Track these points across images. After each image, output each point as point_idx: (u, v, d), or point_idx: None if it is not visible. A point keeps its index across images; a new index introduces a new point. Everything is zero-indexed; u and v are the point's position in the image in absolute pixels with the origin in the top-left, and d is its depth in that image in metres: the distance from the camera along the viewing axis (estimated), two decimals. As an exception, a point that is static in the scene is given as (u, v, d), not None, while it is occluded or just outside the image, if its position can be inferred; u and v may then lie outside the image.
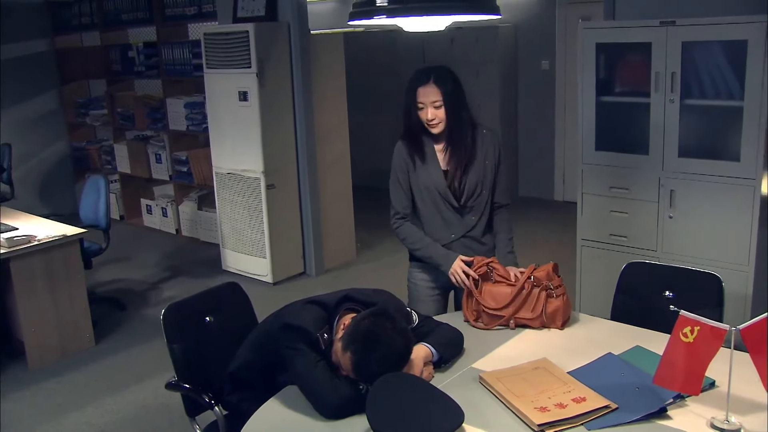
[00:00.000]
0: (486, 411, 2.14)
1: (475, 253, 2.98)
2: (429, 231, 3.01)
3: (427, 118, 2.87)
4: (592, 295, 4.28)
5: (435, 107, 2.86)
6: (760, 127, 3.54)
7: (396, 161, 3.03)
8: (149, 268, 6.37)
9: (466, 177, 2.95)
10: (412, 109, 2.90)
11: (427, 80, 2.86)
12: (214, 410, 2.55)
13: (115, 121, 7.77)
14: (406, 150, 2.99)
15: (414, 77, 2.91)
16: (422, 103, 2.86)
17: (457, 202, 2.97)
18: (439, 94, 2.85)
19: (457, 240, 3.01)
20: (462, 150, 2.94)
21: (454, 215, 2.99)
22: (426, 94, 2.85)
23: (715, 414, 2.05)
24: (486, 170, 2.99)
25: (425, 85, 2.85)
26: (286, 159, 5.77)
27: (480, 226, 3.04)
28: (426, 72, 2.89)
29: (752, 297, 3.70)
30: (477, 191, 2.97)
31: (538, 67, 7.92)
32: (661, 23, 3.74)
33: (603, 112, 4.11)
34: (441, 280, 3.06)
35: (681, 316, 2.00)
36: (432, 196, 2.97)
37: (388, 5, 2.02)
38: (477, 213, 3.01)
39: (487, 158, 2.99)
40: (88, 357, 4.62)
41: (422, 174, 2.97)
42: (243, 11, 5.82)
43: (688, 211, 3.86)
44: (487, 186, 3.01)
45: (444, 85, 2.86)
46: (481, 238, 3.06)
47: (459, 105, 2.92)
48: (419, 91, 2.86)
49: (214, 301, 2.87)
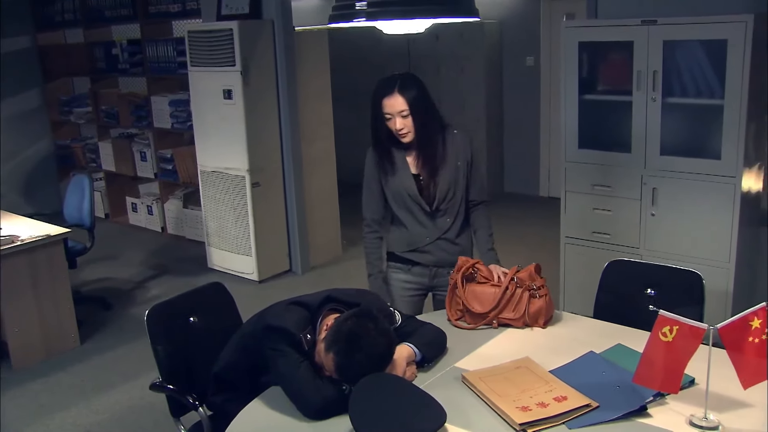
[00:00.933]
0: (468, 410, 2.16)
1: (450, 255, 2.99)
2: (405, 233, 3.03)
3: (396, 128, 2.84)
4: (575, 292, 4.32)
5: (402, 116, 2.82)
6: (741, 125, 3.58)
7: (367, 169, 3.03)
8: (135, 267, 6.35)
9: (437, 181, 2.93)
10: (379, 120, 2.87)
11: (392, 90, 2.81)
12: (199, 411, 2.56)
13: (99, 119, 7.73)
14: (377, 158, 2.98)
15: (378, 88, 2.87)
16: (389, 114, 2.83)
17: (430, 207, 2.97)
18: (406, 103, 2.80)
19: (432, 242, 3.01)
20: (432, 155, 2.92)
21: (428, 219, 2.99)
22: (392, 105, 2.81)
23: (694, 411, 2.08)
24: (458, 172, 2.97)
25: (390, 96, 2.81)
26: (271, 157, 5.77)
27: (455, 228, 3.03)
28: (390, 81, 2.84)
29: (733, 294, 3.74)
30: (449, 195, 2.96)
31: (522, 63, 7.94)
32: (642, 22, 3.77)
33: (586, 111, 4.14)
34: (417, 281, 3.08)
35: (660, 316, 2.02)
36: (405, 201, 2.97)
37: (368, 8, 2.02)
38: (451, 215, 3.01)
39: (458, 159, 2.97)
40: (73, 357, 4.60)
41: (394, 181, 2.96)
42: (227, 9, 5.80)
43: (670, 209, 3.89)
44: (461, 188, 2.99)
45: (409, 93, 2.81)
46: (456, 239, 3.05)
47: (426, 111, 2.87)
48: (385, 102, 2.82)
49: (198, 302, 2.87)
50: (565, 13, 4.28)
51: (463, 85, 7.96)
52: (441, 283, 3.07)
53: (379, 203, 3.05)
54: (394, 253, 3.11)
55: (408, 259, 3.06)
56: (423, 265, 3.05)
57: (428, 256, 3.03)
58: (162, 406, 2.81)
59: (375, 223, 3.08)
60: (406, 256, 3.06)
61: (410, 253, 3.05)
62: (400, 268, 3.09)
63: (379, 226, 3.09)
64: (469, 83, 7.92)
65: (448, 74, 8.03)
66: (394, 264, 3.11)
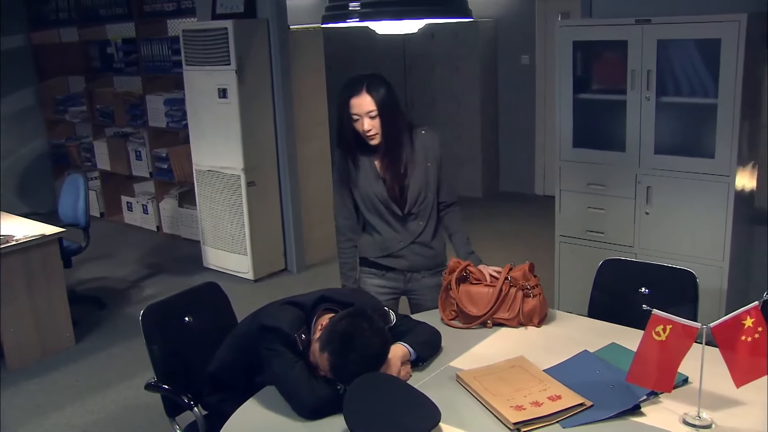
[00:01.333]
0: (463, 410, 2.17)
1: (425, 259, 2.97)
2: (378, 239, 2.97)
3: (363, 129, 2.77)
4: (570, 290, 4.33)
5: (370, 117, 2.75)
6: (734, 124, 3.59)
7: (335, 174, 2.99)
8: (130, 266, 6.35)
9: (407, 184, 2.88)
10: (346, 121, 2.80)
11: (360, 90, 2.75)
12: (194, 411, 2.56)
13: (94, 117, 7.72)
14: (344, 162, 2.92)
15: (346, 88, 2.80)
16: (357, 114, 2.76)
17: (402, 211, 2.91)
18: (374, 104, 2.74)
19: (406, 247, 2.96)
20: (400, 158, 2.86)
21: (400, 223, 2.93)
22: (360, 105, 2.75)
23: (687, 410, 2.09)
24: (428, 173, 2.91)
25: (358, 96, 2.75)
26: (266, 156, 5.77)
27: (428, 231, 2.98)
28: (358, 81, 2.77)
29: (727, 292, 3.75)
30: (421, 197, 2.91)
31: (518, 62, 7.94)
32: (636, 21, 3.78)
33: (580, 110, 4.15)
34: (391, 285, 3.03)
35: (653, 315, 2.03)
36: (375, 206, 2.92)
37: (361, 9, 2.03)
38: (424, 218, 2.95)
39: (428, 160, 2.91)
40: (68, 356, 4.60)
41: (363, 185, 2.91)
42: (222, 8, 5.80)
43: (665, 208, 3.90)
44: (432, 189, 2.94)
45: (377, 92, 2.75)
46: (431, 243, 3.00)
47: (394, 112, 2.81)
48: (353, 102, 2.75)
49: (194, 301, 2.88)
50: (560, 12, 4.29)
51: (458, 83, 7.97)
52: (415, 287, 3.03)
53: (351, 208, 2.99)
54: (367, 258, 3.05)
55: (382, 264, 3.01)
56: (397, 270, 3.01)
57: (402, 260, 2.98)
58: (157, 405, 2.81)
59: (349, 230, 3.02)
60: (379, 261, 3.01)
61: (384, 259, 2.99)
62: (374, 273, 3.04)
63: (353, 233, 3.03)
64: (464, 82, 7.92)
65: (443, 73, 8.04)
66: (368, 269, 3.05)
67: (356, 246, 3.04)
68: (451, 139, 8.13)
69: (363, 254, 3.05)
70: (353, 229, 3.03)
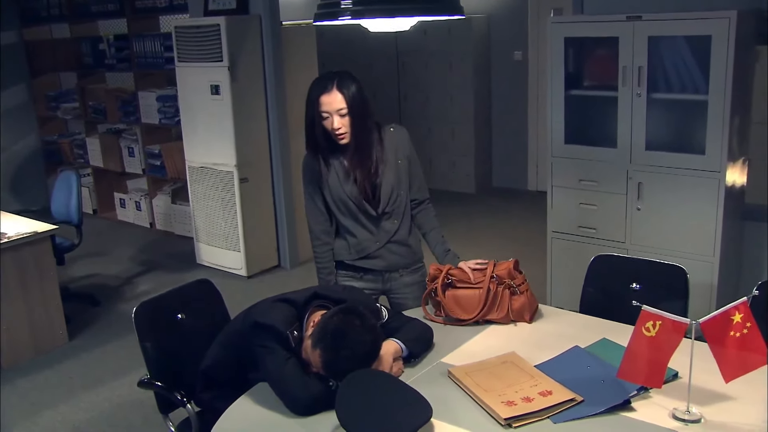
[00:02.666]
0: (454, 406, 2.18)
1: (402, 258, 2.93)
2: (353, 241, 2.92)
3: (333, 127, 2.72)
4: (562, 286, 4.35)
5: (340, 115, 2.71)
6: (724, 120, 3.61)
7: (305, 177, 2.93)
8: (123, 263, 6.34)
9: (379, 183, 2.83)
10: (315, 120, 2.76)
11: (330, 87, 2.71)
12: (187, 408, 2.57)
13: (86, 114, 7.70)
14: (314, 163, 2.88)
15: (314, 86, 2.76)
16: (327, 112, 2.72)
17: (375, 211, 2.86)
18: (344, 101, 2.70)
19: (382, 247, 2.91)
20: (370, 157, 2.81)
21: (374, 224, 2.88)
22: (330, 102, 2.70)
23: (677, 405, 2.10)
24: (400, 171, 2.88)
25: (329, 93, 2.70)
26: (259, 152, 5.77)
27: (403, 230, 2.93)
28: (328, 78, 2.74)
29: (717, 287, 3.78)
30: (393, 196, 2.87)
31: (510, 58, 7.95)
32: (627, 18, 3.79)
33: (572, 106, 4.16)
34: (370, 286, 2.98)
35: (643, 311, 2.04)
36: (348, 207, 2.87)
37: (352, 6, 2.04)
38: (398, 216, 2.91)
39: (398, 158, 2.88)
40: (61, 354, 4.60)
41: (334, 186, 2.86)
42: (214, 4, 5.79)
43: (656, 204, 3.92)
44: (404, 187, 2.90)
45: (348, 90, 2.71)
46: (407, 240, 2.96)
47: (364, 111, 2.76)
48: (322, 99, 2.71)
49: (186, 299, 2.88)
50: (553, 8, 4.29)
51: (451, 79, 7.98)
52: (395, 286, 2.99)
53: (324, 211, 2.94)
54: (343, 261, 2.98)
55: (358, 266, 2.96)
56: (375, 271, 2.96)
57: (379, 261, 2.93)
58: (151, 402, 2.82)
59: (324, 234, 2.95)
60: (356, 264, 2.95)
61: (360, 261, 2.94)
62: (351, 276, 2.99)
63: (328, 237, 2.96)
64: (457, 78, 7.93)
65: (437, 69, 8.05)
66: (344, 272, 2.99)
67: (332, 249, 2.97)
68: (444, 135, 8.15)
69: (338, 258, 2.97)
70: (328, 233, 2.96)
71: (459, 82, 7.94)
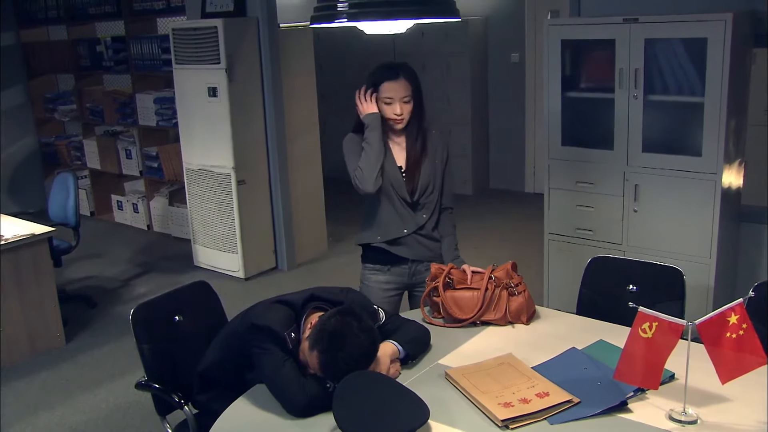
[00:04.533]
0: (452, 407, 2.18)
1: (427, 251, 3.01)
2: (382, 224, 3.01)
3: (396, 113, 2.87)
4: (559, 288, 4.35)
5: (404, 102, 2.87)
6: (721, 122, 3.61)
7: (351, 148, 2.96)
8: (120, 265, 6.34)
9: (419, 173, 2.97)
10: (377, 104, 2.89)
11: (396, 75, 2.86)
12: (184, 409, 2.57)
13: (84, 116, 7.70)
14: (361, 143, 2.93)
15: (378, 72, 2.90)
16: (391, 98, 2.86)
17: (410, 198, 2.97)
18: (409, 89, 2.86)
19: (409, 235, 3.01)
20: (419, 146, 2.96)
21: (407, 210, 2.99)
22: (395, 89, 2.85)
23: (673, 406, 2.11)
24: (436, 169, 3.01)
25: (395, 80, 2.85)
26: (256, 154, 5.77)
27: (430, 224, 3.04)
28: (393, 67, 2.90)
29: (714, 289, 3.78)
30: (429, 189, 2.99)
31: (508, 59, 7.97)
32: (624, 20, 3.80)
33: (569, 108, 4.16)
34: (396, 280, 3.06)
35: (639, 312, 2.05)
36: (386, 190, 2.96)
37: (349, 9, 2.04)
38: (428, 211, 3.02)
39: (437, 158, 3.02)
40: (58, 356, 4.60)
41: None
42: (211, 6, 5.80)
43: (652, 205, 3.93)
44: (438, 185, 3.02)
45: (412, 79, 2.88)
46: (433, 235, 3.06)
47: (422, 102, 2.94)
48: (386, 85, 2.86)
49: (183, 300, 2.88)
50: (550, 10, 4.30)
51: (448, 81, 7.98)
52: (419, 280, 3.06)
53: None
54: (369, 254, 3.09)
55: (386, 254, 3.03)
56: (401, 260, 3.02)
57: (405, 249, 3.02)
58: (148, 404, 2.82)
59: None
60: (383, 246, 3.02)
61: (388, 245, 3.01)
62: (378, 269, 3.08)
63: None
64: (455, 80, 7.94)
65: (434, 71, 8.05)
66: (371, 266, 3.10)
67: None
68: (442, 137, 8.14)
69: (365, 241, 3.08)
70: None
71: (456, 83, 7.95)
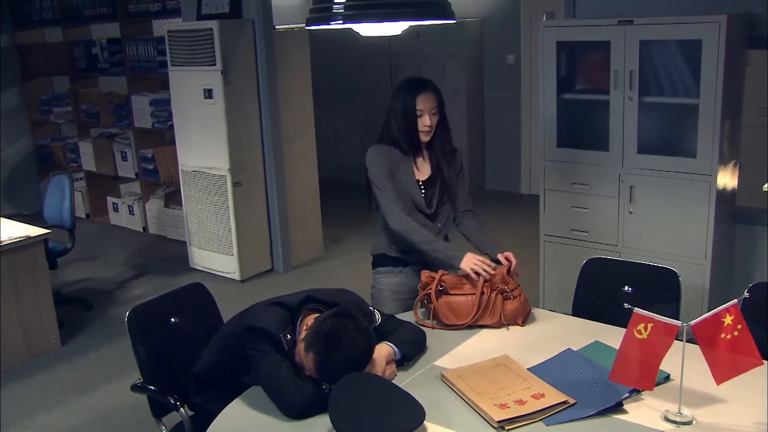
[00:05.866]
0: (448, 409, 2.18)
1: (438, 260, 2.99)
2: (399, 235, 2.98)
3: (426, 124, 2.93)
4: (554, 289, 4.36)
5: (432, 114, 2.94)
6: (715, 124, 3.63)
7: (377, 165, 2.97)
8: (116, 267, 6.33)
9: (438, 188, 3.03)
10: (409, 116, 2.92)
11: (426, 88, 2.93)
12: (180, 411, 2.57)
13: (79, 118, 7.68)
14: (390, 155, 2.97)
15: (410, 85, 2.95)
16: (421, 110, 2.91)
17: (428, 210, 3.02)
18: (436, 102, 2.94)
19: None
20: (443, 159, 3.03)
21: (425, 221, 3.02)
22: (426, 101, 2.92)
23: (669, 407, 2.11)
24: (452, 181, 3.06)
25: (426, 92, 2.92)
26: (252, 156, 5.77)
27: (444, 232, 3.08)
28: (422, 81, 2.97)
29: (709, 290, 3.79)
30: (444, 199, 3.05)
31: (503, 61, 7.98)
32: (619, 22, 3.81)
33: (564, 110, 4.18)
34: (408, 283, 3.06)
35: (635, 313, 2.05)
36: (406, 202, 2.98)
37: (344, 11, 2.04)
38: (442, 220, 3.07)
39: (453, 171, 3.08)
40: (54, 358, 4.59)
41: (402, 180, 2.99)
42: (207, 8, 5.80)
43: (648, 207, 3.94)
44: (453, 195, 3.07)
45: (439, 93, 2.97)
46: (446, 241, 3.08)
47: (446, 118, 3.04)
48: (420, 98, 2.91)
49: (179, 302, 2.88)
50: (545, 11, 4.30)
51: (444, 83, 7.90)
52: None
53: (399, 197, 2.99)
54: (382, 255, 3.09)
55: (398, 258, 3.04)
56: (414, 264, 3.02)
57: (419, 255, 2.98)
58: (144, 406, 2.81)
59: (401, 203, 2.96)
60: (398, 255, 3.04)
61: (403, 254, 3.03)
62: (390, 271, 3.09)
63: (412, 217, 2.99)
64: (451, 81, 7.94)
65: (429, 72, 8.04)
66: (383, 268, 3.11)
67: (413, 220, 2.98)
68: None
69: (381, 251, 3.09)
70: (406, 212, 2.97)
71: (452, 85, 7.94)
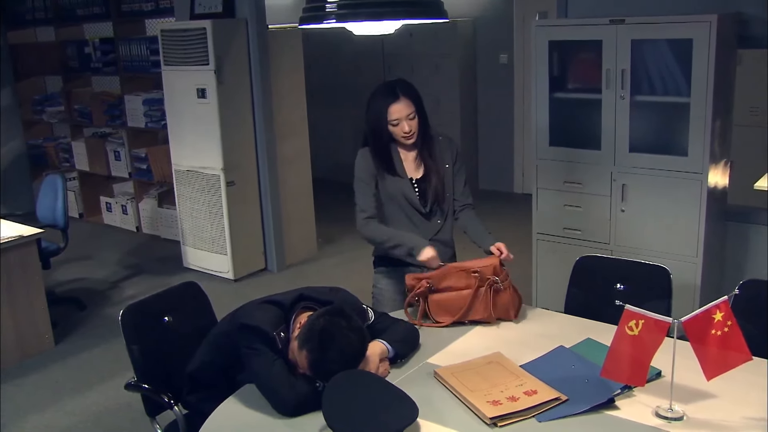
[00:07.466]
0: (440, 406, 2.20)
1: (442, 256, 2.96)
2: None
3: (405, 131, 2.92)
4: (547, 287, 4.37)
5: (410, 119, 2.91)
6: (706, 122, 3.65)
7: (362, 168, 3.02)
8: (110, 267, 6.32)
9: (431, 183, 3.02)
10: (384, 126, 2.92)
11: (396, 96, 2.90)
12: (174, 410, 2.58)
13: (72, 118, 7.67)
14: (374, 161, 3.00)
15: (380, 95, 2.93)
16: (397, 119, 2.90)
17: (424, 208, 3.03)
18: (412, 106, 2.91)
19: None
20: (431, 157, 3.02)
21: (422, 219, 3.04)
22: (399, 110, 2.90)
23: (660, 403, 2.13)
24: (446, 175, 3.06)
25: (397, 102, 2.89)
26: (245, 156, 5.77)
27: (446, 229, 3.09)
28: (391, 88, 2.93)
29: (700, 288, 3.82)
30: (441, 195, 3.04)
31: (496, 60, 8.00)
32: (611, 21, 3.82)
33: (556, 109, 4.19)
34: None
35: (626, 310, 2.07)
36: (400, 203, 3.01)
37: (337, 10, 2.05)
38: (442, 216, 3.08)
39: (446, 162, 3.07)
40: (47, 358, 4.58)
41: (390, 184, 3.00)
42: (200, 7, 5.79)
43: (639, 205, 3.96)
44: (449, 189, 3.07)
45: (411, 95, 2.93)
46: (448, 241, 3.11)
47: (424, 113, 3.00)
48: (392, 108, 2.89)
49: (173, 301, 2.89)
50: (538, 11, 4.32)
51: (437, 82, 8.00)
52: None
53: (375, 199, 3.03)
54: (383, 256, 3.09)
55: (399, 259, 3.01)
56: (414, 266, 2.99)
57: None
58: (138, 405, 2.82)
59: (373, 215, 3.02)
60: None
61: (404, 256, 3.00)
62: (391, 271, 3.09)
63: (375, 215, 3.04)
64: (444, 81, 7.96)
65: (423, 72, 8.07)
66: (384, 269, 3.12)
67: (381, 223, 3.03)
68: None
69: (382, 252, 3.08)
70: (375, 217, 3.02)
71: (445, 84, 7.96)
